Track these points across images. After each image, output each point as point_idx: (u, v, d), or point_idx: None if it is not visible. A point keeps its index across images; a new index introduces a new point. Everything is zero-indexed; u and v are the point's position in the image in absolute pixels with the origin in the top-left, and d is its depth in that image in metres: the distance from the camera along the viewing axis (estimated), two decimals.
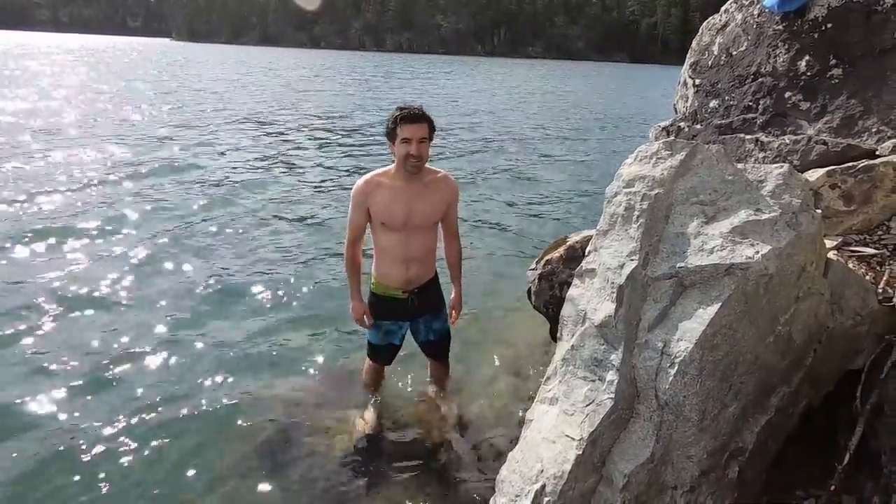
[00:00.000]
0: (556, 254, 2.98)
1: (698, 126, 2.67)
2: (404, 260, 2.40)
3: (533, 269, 3.02)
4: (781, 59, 2.42)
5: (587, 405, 1.48)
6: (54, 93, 15.39)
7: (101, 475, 2.35)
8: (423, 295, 2.48)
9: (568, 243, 3.00)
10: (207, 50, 63.40)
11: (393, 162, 2.33)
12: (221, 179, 7.29)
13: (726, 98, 2.58)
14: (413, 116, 2.20)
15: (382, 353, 2.66)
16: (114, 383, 2.98)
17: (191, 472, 2.40)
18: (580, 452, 1.44)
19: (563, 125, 14.93)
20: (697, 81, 2.73)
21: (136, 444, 2.52)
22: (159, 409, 2.78)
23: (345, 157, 9.43)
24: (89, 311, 3.69)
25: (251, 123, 12.19)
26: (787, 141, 2.24)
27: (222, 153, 9.00)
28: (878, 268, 1.87)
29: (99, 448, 2.51)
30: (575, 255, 2.80)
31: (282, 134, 11.16)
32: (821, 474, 1.65)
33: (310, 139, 10.74)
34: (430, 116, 2.28)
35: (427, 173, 2.36)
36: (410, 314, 2.51)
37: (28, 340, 3.29)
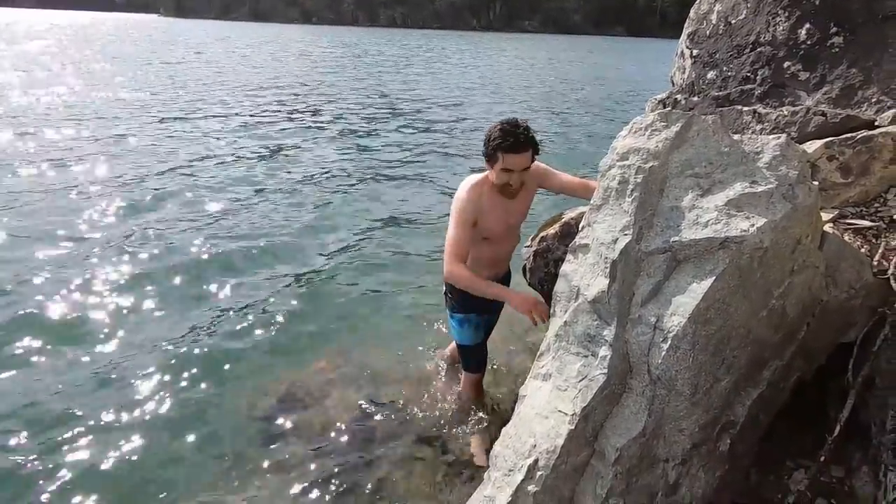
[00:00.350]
0: (551, 230, 2.95)
1: (695, 98, 2.62)
2: (495, 262, 2.36)
3: (528, 247, 3.00)
4: (781, 28, 2.35)
5: (580, 380, 1.48)
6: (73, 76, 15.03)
7: (96, 467, 2.35)
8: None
9: (563, 220, 2.96)
10: (200, 26, 61.87)
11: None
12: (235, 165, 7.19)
13: (724, 69, 2.52)
14: (517, 145, 1.96)
15: (481, 353, 2.52)
16: (108, 374, 2.98)
17: (188, 467, 2.41)
18: (573, 427, 1.44)
19: (558, 99, 14.74)
20: (695, 52, 2.67)
21: (139, 439, 2.53)
22: (158, 401, 2.79)
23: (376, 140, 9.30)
24: (84, 296, 3.67)
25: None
26: (786, 112, 2.20)
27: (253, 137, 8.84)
28: (873, 240, 1.86)
29: (92, 439, 2.51)
30: (570, 232, 2.77)
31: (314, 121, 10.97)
32: (811, 446, 1.67)
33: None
34: (534, 135, 2.04)
35: None
36: (490, 308, 2.42)
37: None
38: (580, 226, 1.63)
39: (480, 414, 2.65)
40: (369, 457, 2.45)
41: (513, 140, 1.97)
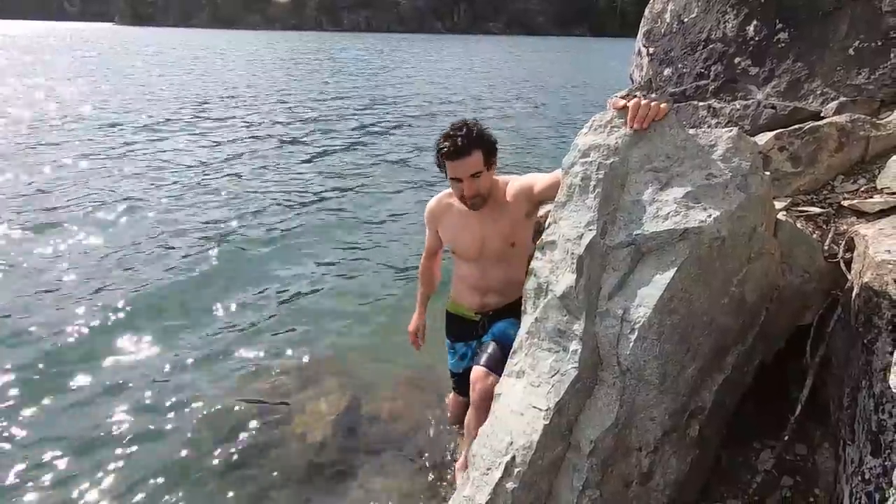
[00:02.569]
0: None
1: (653, 95, 2.69)
2: (480, 289, 2.11)
3: None
4: (731, 25, 2.45)
5: (552, 375, 1.50)
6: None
7: (81, 480, 2.29)
8: (497, 317, 2.15)
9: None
10: (158, 34, 60.20)
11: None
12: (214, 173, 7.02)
13: (679, 66, 2.60)
14: (456, 151, 1.78)
15: (463, 381, 2.28)
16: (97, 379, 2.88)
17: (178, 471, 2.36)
18: (547, 422, 1.46)
19: (523, 99, 14.93)
20: (651, 50, 2.75)
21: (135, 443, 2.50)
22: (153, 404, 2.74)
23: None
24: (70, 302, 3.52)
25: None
26: (738, 106, 2.28)
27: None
28: (824, 226, 1.94)
29: (79, 445, 2.46)
30: (540, 230, 2.81)
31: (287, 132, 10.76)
32: (775, 426, 1.73)
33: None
34: (486, 136, 1.85)
35: (498, 191, 1.95)
36: (480, 336, 2.21)
37: None
38: (546, 223, 1.66)
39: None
40: (350, 463, 2.42)
41: (450, 144, 1.80)
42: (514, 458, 1.49)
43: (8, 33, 51.02)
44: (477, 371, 1.94)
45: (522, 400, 1.54)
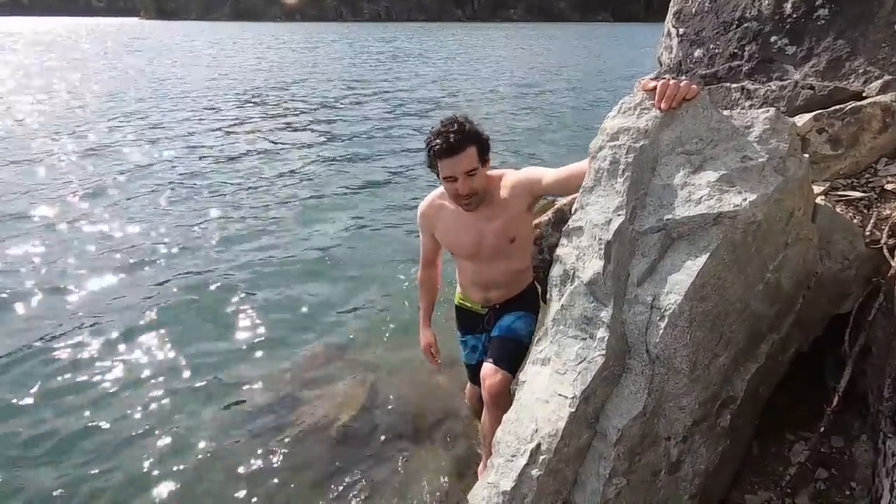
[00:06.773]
0: (544, 217, 2.96)
1: (683, 77, 2.60)
2: (482, 284, 2.10)
3: None
4: (767, 2, 2.34)
5: (579, 363, 1.47)
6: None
7: (92, 469, 2.35)
8: (503, 310, 2.14)
9: (556, 206, 2.98)
10: (183, 28, 61.05)
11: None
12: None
13: (711, 46, 2.51)
14: (449, 148, 1.70)
15: (476, 372, 2.25)
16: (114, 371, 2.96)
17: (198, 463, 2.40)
18: (573, 410, 1.44)
19: (548, 86, 14.70)
20: (681, 31, 2.65)
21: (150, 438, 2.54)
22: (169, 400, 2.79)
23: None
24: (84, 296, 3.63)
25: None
26: (774, 87, 2.19)
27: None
28: (865, 211, 1.86)
29: (91, 436, 2.51)
30: (564, 218, 2.77)
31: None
32: (810, 417, 1.68)
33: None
34: (478, 130, 1.77)
35: (492, 188, 1.88)
36: (488, 329, 2.21)
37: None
38: (573, 209, 1.62)
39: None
40: (371, 450, 2.45)
41: (442, 142, 1.71)
42: (539, 445, 1.48)
43: (38, 29, 52.38)
44: (485, 368, 1.95)
45: (548, 387, 1.52)
